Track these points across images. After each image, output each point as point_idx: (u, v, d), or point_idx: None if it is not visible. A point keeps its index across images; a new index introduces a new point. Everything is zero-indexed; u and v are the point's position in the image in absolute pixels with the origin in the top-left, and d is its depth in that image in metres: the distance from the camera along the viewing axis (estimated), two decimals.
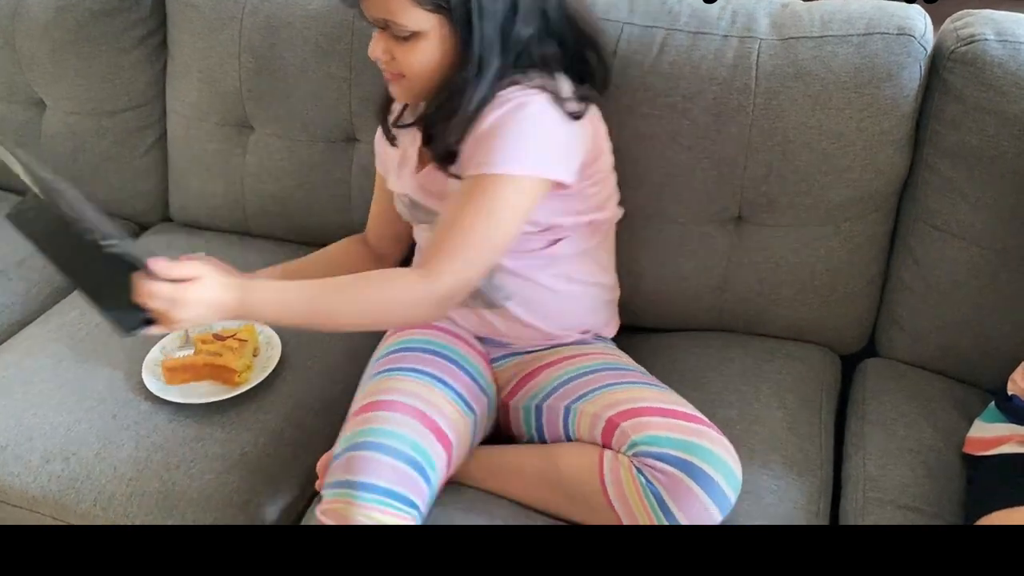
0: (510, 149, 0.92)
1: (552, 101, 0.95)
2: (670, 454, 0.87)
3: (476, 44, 0.92)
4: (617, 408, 0.93)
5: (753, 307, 1.20)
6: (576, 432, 0.98)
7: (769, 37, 1.11)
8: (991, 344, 1.10)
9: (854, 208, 1.12)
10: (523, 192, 0.94)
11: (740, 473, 0.90)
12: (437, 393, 0.96)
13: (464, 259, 0.92)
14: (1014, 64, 1.01)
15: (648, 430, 0.90)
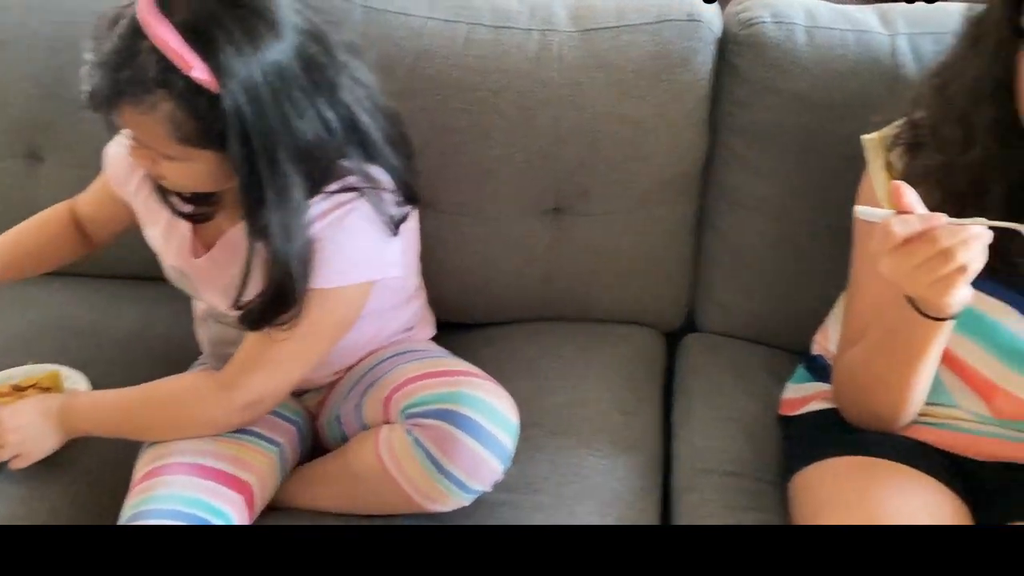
0: (333, 262, 0.87)
1: (372, 202, 0.89)
2: (433, 408, 0.87)
3: (266, 180, 0.81)
4: (392, 385, 0.93)
5: (579, 294, 1.22)
6: (368, 424, 0.97)
7: (568, 29, 1.13)
8: (795, 309, 1.16)
9: (663, 191, 1.17)
10: (348, 301, 0.92)
11: (514, 416, 0.91)
12: (223, 441, 0.94)
13: (269, 373, 0.92)
14: (790, 44, 1.08)
15: (416, 393, 0.90)
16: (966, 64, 0.83)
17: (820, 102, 1.07)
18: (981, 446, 0.92)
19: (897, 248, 0.72)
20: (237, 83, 0.78)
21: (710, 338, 1.23)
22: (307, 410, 1.07)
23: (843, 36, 1.08)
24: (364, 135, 0.89)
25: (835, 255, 1.11)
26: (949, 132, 0.84)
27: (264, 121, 0.80)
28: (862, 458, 0.90)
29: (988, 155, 0.81)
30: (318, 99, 0.83)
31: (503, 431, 0.89)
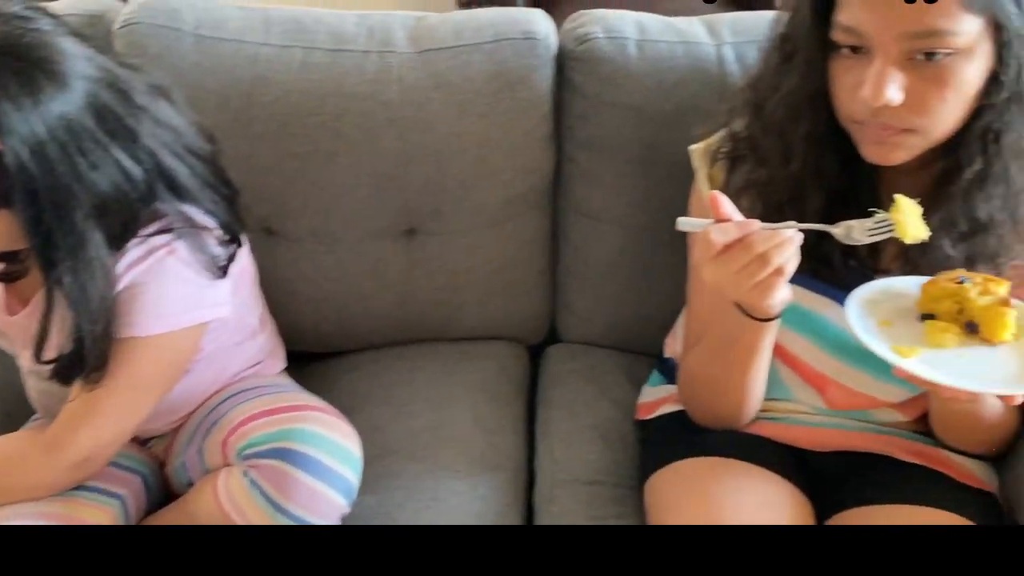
0: (151, 309, 0.85)
1: (191, 244, 0.86)
2: (268, 447, 0.86)
3: (58, 237, 0.77)
4: (229, 427, 0.91)
5: (438, 315, 1.22)
6: (211, 468, 0.94)
7: (407, 50, 1.13)
8: (649, 314, 1.19)
9: (514, 207, 1.17)
10: (174, 347, 0.89)
11: (356, 448, 0.91)
12: (55, 501, 0.90)
13: (96, 429, 0.88)
14: (622, 58, 1.11)
15: (251, 434, 0.88)
16: (780, 79, 0.86)
17: (654, 113, 1.10)
18: (819, 437, 0.96)
19: (717, 255, 0.75)
20: (18, 140, 0.74)
21: (571, 348, 1.24)
22: (154, 458, 1.03)
23: (672, 48, 1.12)
24: (172, 179, 0.85)
25: (680, 260, 1.14)
26: (768, 146, 0.87)
27: (52, 177, 0.76)
28: (707, 459, 0.93)
29: (806, 166, 0.85)
30: (115, 148, 0.80)
31: (343, 464, 0.87)
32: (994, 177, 0.81)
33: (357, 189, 1.13)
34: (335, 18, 1.16)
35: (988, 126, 0.79)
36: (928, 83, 0.76)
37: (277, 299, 1.16)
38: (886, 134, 0.79)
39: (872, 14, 0.75)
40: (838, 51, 0.79)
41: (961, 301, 0.78)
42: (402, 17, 1.17)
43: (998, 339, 0.76)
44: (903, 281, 0.83)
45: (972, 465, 0.92)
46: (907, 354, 0.75)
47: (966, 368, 0.75)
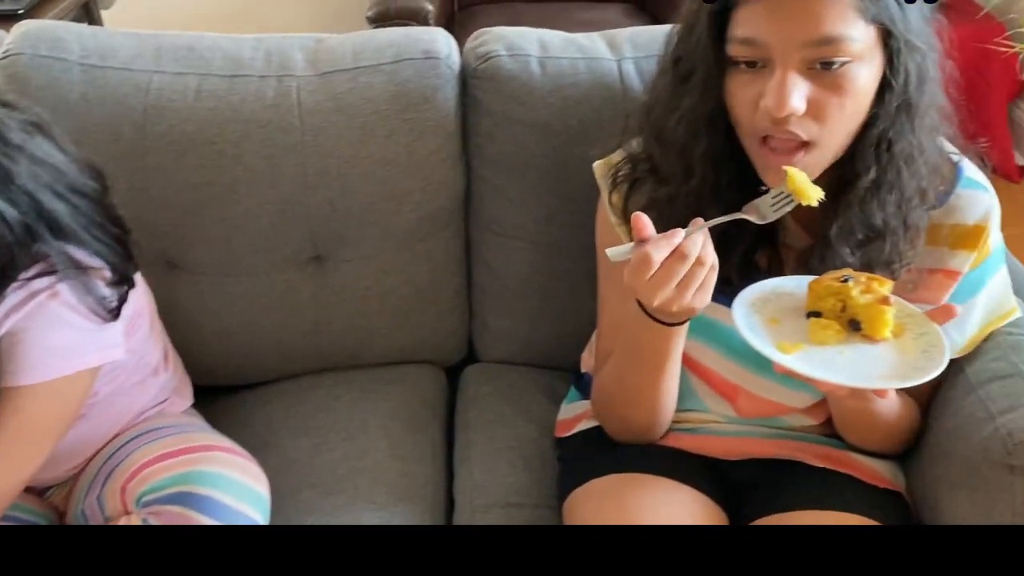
0: (35, 356, 0.81)
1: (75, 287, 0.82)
2: (168, 492, 0.84)
3: None
4: (127, 474, 0.88)
5: (352, 342, 1.19)
6: (110, 517, 0.90)
7: (306, 74, 1.11)
8: (565, 329, 1.19)
9: (424, 229, 1.16)
10: (62, 394, 0.85)
11: (262, 487, 0.89)
12: None
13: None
14: (525, 75, 1.10)
15: (149, 479, 0.86)
16: (678, 99, 0.85)
17: (560, 129, 1.10)
18: (731, 446, 0.97)
19: (655, 274, 0.74)
20: None
21: (489, 368, 1.23)
22: (53, 508, 0.98)
23: (574, 64, 1.12)
24: (53, 220, 0.81)
25: (592, 274, 1.14)
26: (669, 165, 0.87)
27: None
28: (621, 475, 0.93)
29: (705, 183, 0.85)
30: None
31: (249, 504, 0.85)
32: (888, 184, 0.83)
33: (260, 218, 1.10)
34: (231, 43, 1.13)
35: (881, 134, 0.81)
36: (828, 91, 0.77)
37: (182, 333, 1.13)
38: (786, 152, 0.79)
39: (772, 25, 0.76)
40: (736, 67, 0.80)
41: (844, 299, 0.80)
42: (300, 39, 1.15)
43: (879, 336, 0.78)
44: (792, 281, 0.85)
45: (879, 466, 0.94)
46: (789, 350, 0.77)
47: (845, 364, 0.76)
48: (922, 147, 0.83)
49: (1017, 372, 0.88)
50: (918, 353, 0.77)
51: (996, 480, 0.82)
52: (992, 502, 0.83)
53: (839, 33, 0.75)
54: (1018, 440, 0.81)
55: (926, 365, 0.75)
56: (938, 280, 0.89)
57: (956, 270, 0.89)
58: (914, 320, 0.80)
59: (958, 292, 0.89)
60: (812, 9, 0.75)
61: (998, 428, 0.83)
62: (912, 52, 0.79)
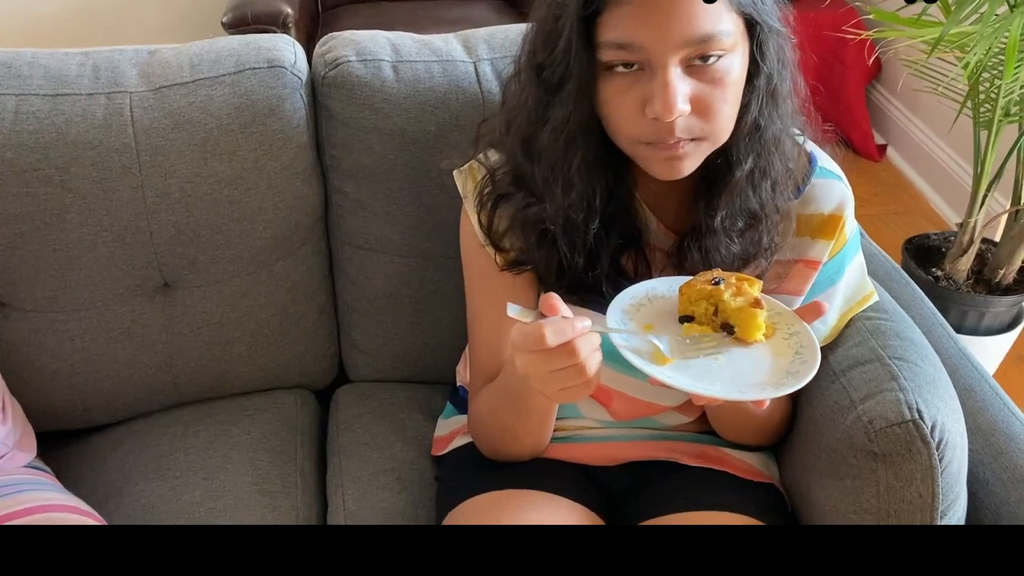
0: None
1: None
2: None
3: None
4: None
5: (210, 373, 1.12)
6: None
7: (139, 89, 1.03)
8: (435, 342, 1.16)
9: (281, 247, 1.10)
10: None
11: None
12: None
13: None
14: (378, 81, 1.06)
15: None
16: (546, 110, 0.80)
17: (418, 136, 1.06)
18: (607, 452, 0.95)
19: (541, 352, 0.70)
20: None
21: (361, 387, 1.19)
22: None
23: (429, 67, 1.08)
24: None
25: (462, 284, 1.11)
26: (541, 179, 0.82)
27: None
28: (497, 493, 0.90)
29: (583, 195, 0.82)
30: None
31: None
32: (761, 170, 0.83)
33: (96, 247, 1.01)
34: (53, 59, 1.04)
35: (754, 121, 0.81)
36: (709, 86, 0.75)
37: (20, 377, 1.03)
38: (677, 147, 0.77)
39: (646, 26, 0.73)
40: (609, 72, 0.76)
41: (716, 303, 0.78)
42: (132, 52, 1.07)
43: (752, 339, 0.78)
44: (665, 283, 0.83)
45: (752, 459, 0.95)
46: (662, 361, 0.75)
47: (720, 371, 0.75)
48: (787, 130, 0.84)
49: (876, 357, 0.89)
50: (791, 355, 0.77)
51: (861, 467, 0.83)
52: (859, 489, 0.83)
53: (715, 29, 0.73)
54: (878, 428, 0.82)
55: (800, 369, 0.75)
56: (799, 270, 0.90)
57: (816, 259, 0.89)
58: (784, 319, 0.80)
59: (818, 282, 0.90)
60: (685, 7, 0.73)
61: (859, 416, 0.84)
62: (774, 37, 0.79)
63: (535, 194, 0.84)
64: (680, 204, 0.86)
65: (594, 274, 0.85)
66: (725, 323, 0.78)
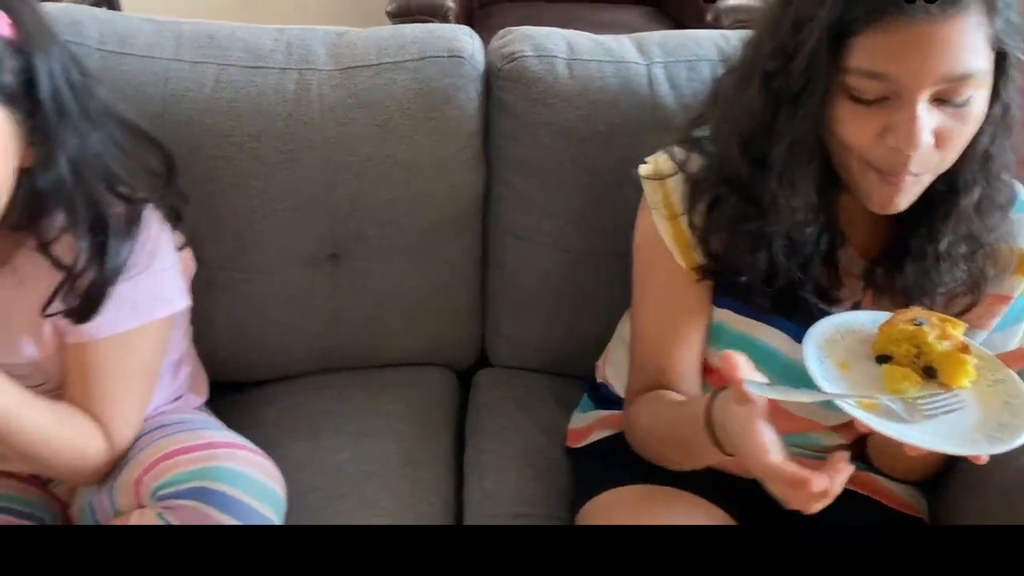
0: (163, 282, 0.87)
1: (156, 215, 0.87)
2: (185, 487, 0.81)
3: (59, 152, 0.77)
4: (143, 467, 0.86)
5: (365, 342, 1.17)
6: (120, 510, 0.88)
7: (328, 68, 1.08)
8: (581, 337, 1.17)
9: (443, 230, 1.14)
10: (160, 335, 0.90)
11: (279, 486, 0.87)
12: None
13: (131, 413, 0.90)
14: (551, 77, 1.08)
15: (166, 473, 0.83)
16: (778, 121, 0.79)
17: (585, 133, 1.08)
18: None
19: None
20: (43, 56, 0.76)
21: (501, 373, 1.21)
22: (56, 500, 0.96)
23: (602, 67, 1.09)
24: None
25: (613, 281, 1.13)
26: (772, 189, 0.80)
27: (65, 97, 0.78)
28: (638, 487, 0.91)
29: (809, 205, 0.81)
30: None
31: (265, 504, 0.83)
32: (989, 198, 0.80)
33: (275, 214, 1.07)
34: (251, 33, 1.11)
35: (986, 151, 0.78)
36: (953, 120, 0.73)
37: (196, 327, 1.10)
38: (901, 181, 0.75)
39: (906, 59, 0.70)
40: (847, 92, 0.74)
41: (919, 344, 0.75)
42: (322, 32, 1.13)
43: (956, 385, 0.74)
44: (859, 317, 0.81)
45: (903, 491, 0.92)
46: (867, 406, 0.72)
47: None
48: (1011, 160, 0.81)
49: None
50: (999, 405, 0.73)
51: None
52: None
53: (973, 67, 0.71)
54: None
55: (1012, 421, 0.71)
56: (989, 303, 0.87)
57: (1008, 294, 0.86)
58: (987, 364, 0.76)
59: (1007, 317, 0.87)
60: (949, 41, 0.69)
61: None
62: (1018, 67, 0.75)
63: (752, 199, 0.82)
64: (872, 228, 0.84)
65: (800, 288, 0.83)
66: (928, 367, 0.75)
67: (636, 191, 1.03)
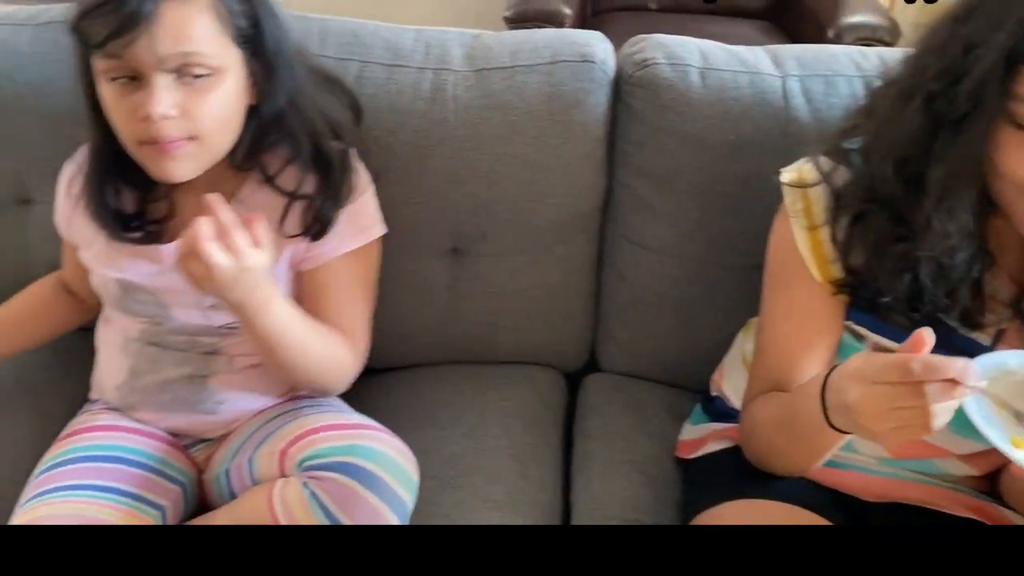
0: (372, 207, 0.99)
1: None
2: (332, 461, 0.84)
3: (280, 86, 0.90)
4: (288, 438, 0.89)
5: (479, 337, 1.19)
6: (260, 479, 0.92)
7: (463, 69, 1.11)
8: (695, 348, 1.16)
9: (562, 231, 1.15)
10: (375, 254, 1.02)
11: (414, 472, 0.88)
12: (104, 506, 0.89)
13: (367, 320, 1.01)
14: (683, 85, 1.08)
15: (313, 446, 0.86)
16: (940, 146, 0.77)
17: (715, 143, 1.07)
18: (874, 485, 0.92)
19: (883, 384, 0.68)
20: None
21: (611, 378, 1.21)
22: (194, 466, 1.01)
23: (736, 77, 1.09)
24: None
25: (733, 294, 1.12)
26: (928, 212, 0.78)
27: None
28: (753, 501, 0.90)
29: (966, 231, 0.79)
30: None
31: (403, 487, 0.85)
32: None
33: (403, 207, 1.10)
34: (392, 33, 1.15)
35: None
36: None
37: None
38: None
39: None
40: (1009, 121, 0.72)
41: None
42: (458, 35, 1.16)
43: None
44: (1015, 358, 0.77)
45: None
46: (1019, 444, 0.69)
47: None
48: None
49: None
50: None
51: None
52: None
53: None
54: None
55: None
56: None
57: None
58: None
59: None
60: None
61: None
62: None
63: (902, 219, 0.80)
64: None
65: (944, 312, 0.81)
66: None
67: (763, 203, 1.02)
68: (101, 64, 0.84)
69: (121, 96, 0.83)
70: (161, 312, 0.96)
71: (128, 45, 0.80)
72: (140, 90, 0.82)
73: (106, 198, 0.93)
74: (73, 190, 0.97)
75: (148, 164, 0.86)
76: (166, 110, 0.82)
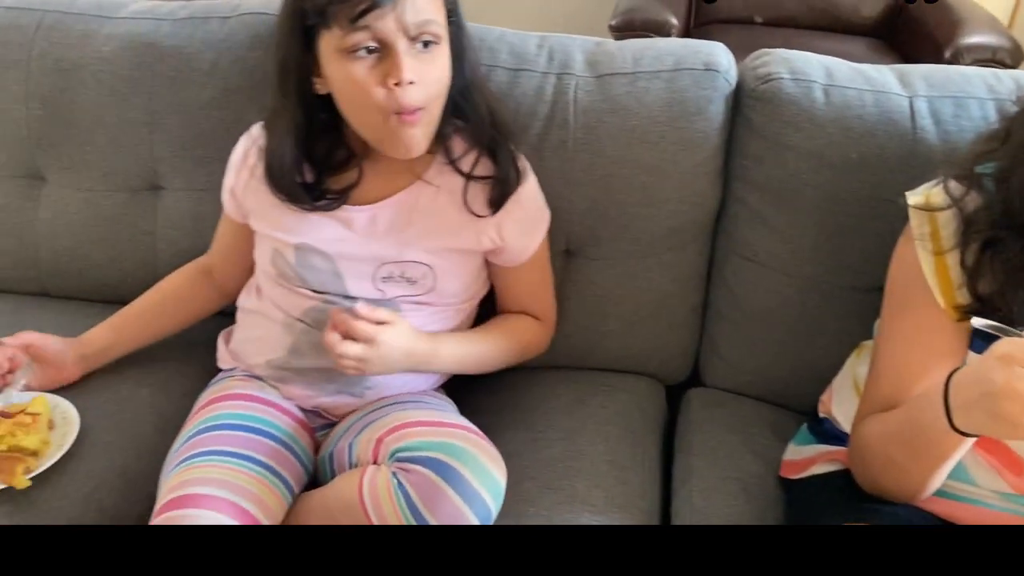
0: (539, 191, 1.07)
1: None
2: (424, 455, 0.85)
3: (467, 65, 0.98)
4: (386, 428, 0.91)
5: (582, 341, 1.20)
6: (357, 464, 0.95)
7: (585, 74, 1.13)
8: (801, 368, 1.14)
9: (674, 239, 1.15)
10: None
11: (502, 476, 0.89)
12: (244, 474, 0.92)
13: (553, 303, 1.14)
14: (807, 101, 1.07)
15: (407, 438, 0.88)
16: None
17: (837, 161, 1.06)
18: (991, 520, 0.89)
19: None
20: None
21: (714, 394, 1.20)
22: (315, 448, 1.05)
23: (861, 95, 1.07)
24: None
25: (846, 316, 1.10)
26: None
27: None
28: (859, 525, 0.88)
29: None
30: None
31: (487, 491, 0.86)
32: None
33: None
34: (517, 38, 1.17)
35: None
36: None
37: None
38: None
39: None
40: None
41: None
42: (581, 41, 1.17)
43: None
44: None
45: None
46: None
47: None
48: None
49: None
50: None
51: None
52: None
53: None
54: None
55: None
56: None
57: None
58: None
59: None
60: None
61: None
62: None
63: None
64: None
65: None
66: None
67: (883, 224, 1.00)
68: (348, 40, 0.88)
69: (370, 68, 0.89)
70: (336, 283, 1.00)
71: (380, 18, 0.87)
72: (384, 60, 0.89)
73: (299, 172, 0.98)
74: (250, 161, 1.02)
75: (391, 138, 0.93)
76: (413, 75, 0.89)
